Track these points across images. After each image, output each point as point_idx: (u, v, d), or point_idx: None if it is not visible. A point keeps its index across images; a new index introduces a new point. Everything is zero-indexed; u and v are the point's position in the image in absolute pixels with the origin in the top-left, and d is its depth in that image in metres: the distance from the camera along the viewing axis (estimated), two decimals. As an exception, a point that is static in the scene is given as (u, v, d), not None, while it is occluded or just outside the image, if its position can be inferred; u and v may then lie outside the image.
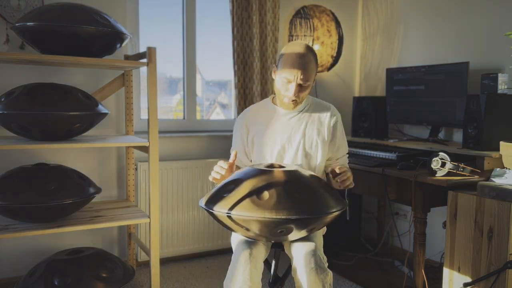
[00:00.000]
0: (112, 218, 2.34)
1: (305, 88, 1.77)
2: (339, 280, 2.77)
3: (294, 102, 1.80)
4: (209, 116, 3.47)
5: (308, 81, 1.76)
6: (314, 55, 1.79)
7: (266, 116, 1.90)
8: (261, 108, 1.94)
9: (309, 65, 1.75)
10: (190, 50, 3.11)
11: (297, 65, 1.72)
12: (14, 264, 2.56)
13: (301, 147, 1.85)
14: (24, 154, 2.54)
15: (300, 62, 1.73)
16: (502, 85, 2.32)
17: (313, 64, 1.77)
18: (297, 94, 1.77)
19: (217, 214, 1.49)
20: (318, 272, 1.55)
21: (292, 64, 1.73)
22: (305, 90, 1.79)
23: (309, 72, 1.75)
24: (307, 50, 1.76)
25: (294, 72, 1.72)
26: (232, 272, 1.59)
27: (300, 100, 1.81)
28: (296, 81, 1.74)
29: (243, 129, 1.92)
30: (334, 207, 1.52)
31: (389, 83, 3.12)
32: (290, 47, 1.79)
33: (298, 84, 1.74)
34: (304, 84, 1.75)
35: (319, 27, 3.27)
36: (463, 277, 2.04)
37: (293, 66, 1.73)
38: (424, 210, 2.28)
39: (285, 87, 1.77)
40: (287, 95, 1.78)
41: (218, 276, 2.81)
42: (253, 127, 1.91)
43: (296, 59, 1.73)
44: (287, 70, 1.74)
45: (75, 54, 2.17)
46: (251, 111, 1.95)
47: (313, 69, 1.77)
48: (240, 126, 1.94)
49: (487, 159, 2.26)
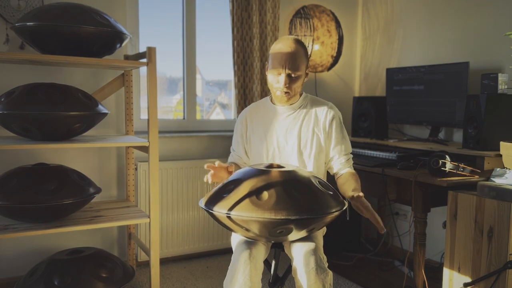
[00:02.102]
0: (112, 218, 2.34)
1: (295, 79, 1.78)
2: (339, 280, 2.77)
3: (287, 94, 1.81)
4: (209, 116, 3.47)
5: (298, 71, 1.77)
6: (302, 46, 1.81)
7: (264, 114, 1.92)
8: (260, 106, 1.96)
9: (297, 55, 1.77)
10: (190, 50, 3.11)
11: (285, 55, 1.75)
12: (14, 264, 2.56)
13: (296, 145, 1.85)
14: (24, 154, 2.54)
15: (287, 52, 1.76)
16: (502, 85, 2.32)
17: (302, 54, 1.79)
18: (287, 85, 1.78)
19: (217, 214, 1.49)
20: (318, 272, 1.55)
21: (280, 56, 1.76)
22: (296, 81, 1.79)
23: (298, 62, 1.76)
24: (295, 42, 1.79)
25: (283, 62, 1.75)
26: (232, 273, 1.59)
27: (292, 92, 1.81)
28: (285, 72, 1.76)
29: (243, 127, 1.95)
30: (334, 207, 1.52)
31: (389, 83, 3.12)
32: (278, 41, 1.83)
33: (287, 74, 1.76)
34: (293, 74, 1.77)
35: (319, 27, 3.27)
36: (463, 277, 2.04)
37: (281, 57, 1.76)
38: (424, 210, 2.28)
39: (276, 79, 1.80)
40: (279, 87, 1.80)
41: (218, 276, 2.81)
42: (251, 125, 1.93)
43: (284, 50, 1.76)
44: (276, 62, 1.77)
45: (75, 54, 2.17)
46: (250, 109, 1.97)
47: (302, 60, 1.78)
48: (240, 123, 1.97)
49: (487, 159, 2.26)
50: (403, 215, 3.25)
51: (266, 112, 1.92)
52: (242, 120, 1.96)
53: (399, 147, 2.73)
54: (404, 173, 2.27)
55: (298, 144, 1.86)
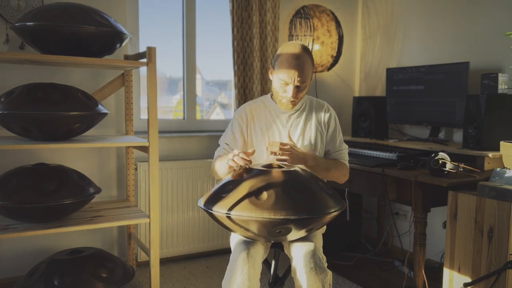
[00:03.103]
0: (112, 218, 2.34)
1: (302, 89, 1.79)
2: (339, 280, 2.77)
3: (293, 102, 1.81)
4: (209, 116, 3.47)
5: (305, 82, 1.77)
6: (310, 55, 1.79)
7: (266, 112, 1.91)
8: (261, 104, 1.94)
9: (306, 66, 1.75)
10: (190, 50, 3.11)
11: (294, 66, 1.73)
12: (14, 264, 2.56)
13: (300, 143, 1.86)
14: (24, 154, 2.54)
15: (297, 63, 1.73)
16: (502, 85, 2.32)
17: (310, 65, 1.78)
18: (295, 96, 1.77)
19: (216, 214, 1.49)
20: (317, 272, 1.55)
21: (288, 65, 1.74)
22: (303, 91, 1.80)
23: (306, 73, 1.75)
24: (303, 51, 1.76)
25: (291, 74, 1.73)
26: (230, 272, 1.59)
27: (298, 100, 1.83)
28: (294, 83, 1.75)
29: (243, 122, 1.90)
30: (333, 207, 1.52)
31: (389, 83, 3.12)
32: (286, 47, 1.79)
33: (295, 86, 1.75)
34: (301, 85, 1.76)
35: (319, 27, 3.27)
36: (463, 277, 2.04)
37: (290, 68, 1.73)
38: (424, 210, 2.27)
39: (283, 89, 1.78)
40: (286, 96, 1.79)
41: (218, 276, 2.81)
42: (253, 121, 1.90)
43: (292, 61, 1.73)
44: (284, 72, 1.75)
45: (75, 54, 2.17)
46: (251, 106, 1.94)
47: (310, 70, 1.78)
48: (240, 119, 1.91)
49: (487, 159, 2.26)
50: (403, 215, 3.25)
51: (268, 110, 1.91)
52: (243, 116, 1.91)
53: (399, 147, 2.73)
54: (404, 173, 2.27)
55: (302, 142, 1.87)
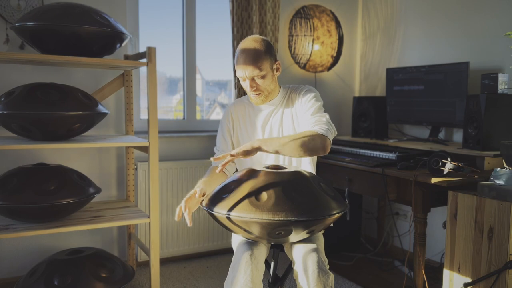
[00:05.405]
0: (112, 218, 2.34)
1: (261, 79, 1.75)
2: (339, 280, 2.77)
3: (259, 95, 1.79)
4: (209, 116, 3.47)
5: (261, 71, 1.73)
6: (261, 43, 1.75)
7: (250, 111, 1.90)
8: (245, 102, 1.93)
9: (254, 56, 1.72)
10: (190, 50, 3.11)
11: (242, 61, 1.73)
12: (14, 264, 2.57)
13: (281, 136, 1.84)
14: (24, 154, 2.54)
15: (244, 57, 1.73)
16: (502, 85, 2.32)
17: (260, 53, 1.73)
18: (255, 88, 1.77)
19: (217, 215, 1.49)
20: (320, 275, 1.54)
21: (237, 62, 1.75)
22: (264, 81, 1.76)
23: (258, 63, 1.72)
24: (250, 42, 1.76)
25: (241, 68, 1.74)
26: (233, 273, 1.58)
27: (265, 91, 1.79)
28: (248, 77, 1.75)
29: (229, 123, 1.92)
30: (334, 209, 1.51)
31: (389, 83, 3.12)
32: (239, 45, 1.79)
33: (251, 78, 1.75)
34: (256, 75, 1.74)
35: (319, 27, 3.27)
36: (463, 277, 2.04)
37: (239, 64, 1.75)
38: (424, 210, 2.27)
39: (245, 85, 1.80)
40: (248, 91, 1.80)
41: (218, 276, 2.81)
42: (237, 122, 1.91)
43: (240, 56, 1.74)
44: (237, 69, 1.77)
45: (75, 54, 2.17)
46: (235, 106, 1.94)
47: (263, 58, 1.73)
48: (226, 120, 1.92)
49: (487, 159, 2.26)
50: (403, 215, 3.25)
51: (250, 109, 1.91)
52: (228, 117, 1.92)
53: (399, 147, 2.73)
54: (404, 173, 2.27)
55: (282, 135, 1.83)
